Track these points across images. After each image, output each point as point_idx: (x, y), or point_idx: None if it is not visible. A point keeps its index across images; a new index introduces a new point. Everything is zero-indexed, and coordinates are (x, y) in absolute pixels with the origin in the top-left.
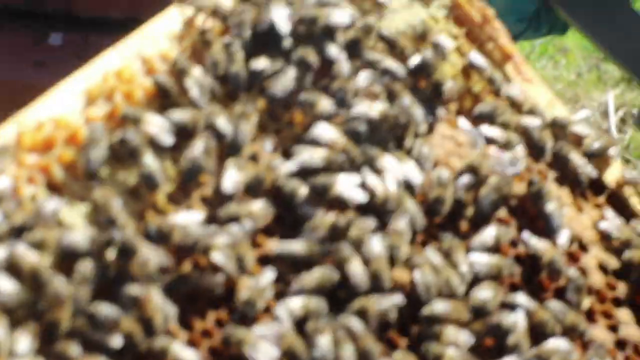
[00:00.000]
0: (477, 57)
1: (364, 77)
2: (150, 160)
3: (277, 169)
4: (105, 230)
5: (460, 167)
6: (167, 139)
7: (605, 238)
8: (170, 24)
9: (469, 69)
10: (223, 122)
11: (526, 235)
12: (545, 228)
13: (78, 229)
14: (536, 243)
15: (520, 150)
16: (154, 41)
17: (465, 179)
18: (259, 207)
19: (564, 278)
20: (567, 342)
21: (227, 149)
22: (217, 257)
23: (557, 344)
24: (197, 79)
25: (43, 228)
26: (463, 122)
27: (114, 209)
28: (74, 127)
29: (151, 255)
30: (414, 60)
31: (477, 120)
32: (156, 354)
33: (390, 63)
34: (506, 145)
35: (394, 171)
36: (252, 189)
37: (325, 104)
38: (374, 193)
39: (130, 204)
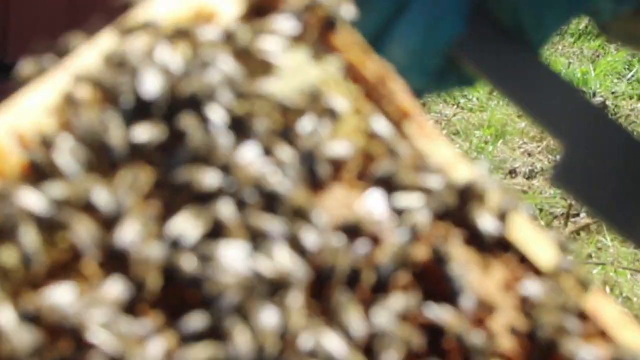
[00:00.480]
0: (379, 124)
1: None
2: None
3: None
4: None
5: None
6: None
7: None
8: (47, 95)
9: (368, 130)
10: (99, 195)
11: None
12: (450, 292)
13: None
14: (439, 313)
15: (422, 214)
16: (29, 114)
17: (362, 245)
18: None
19: (468, 345)
20: None
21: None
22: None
23: None
24: (68, 150)
25: None
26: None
27: None
28: None
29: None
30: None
31: (377, 182)
32: None
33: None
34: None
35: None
36: None
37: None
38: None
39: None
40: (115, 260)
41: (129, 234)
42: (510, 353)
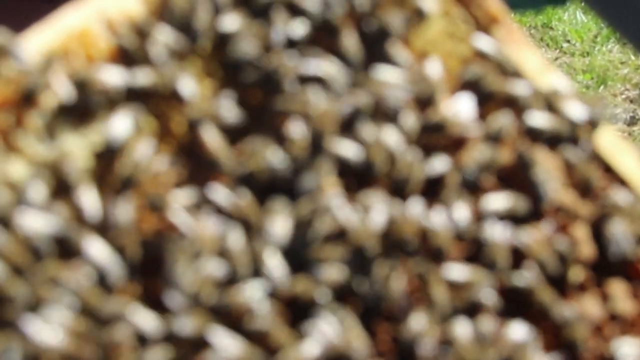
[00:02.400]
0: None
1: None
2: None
3: None
4: None
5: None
6: None
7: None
8: None
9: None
10: (185, 84)
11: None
12: (534, 197)
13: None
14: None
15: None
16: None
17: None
18: None
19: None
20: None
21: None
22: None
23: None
24: (160, 38)
25: None
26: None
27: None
28: None
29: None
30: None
31: (465, 85)
32: None
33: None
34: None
35: None
36: None
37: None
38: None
39: None
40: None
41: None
42: (591, 260)
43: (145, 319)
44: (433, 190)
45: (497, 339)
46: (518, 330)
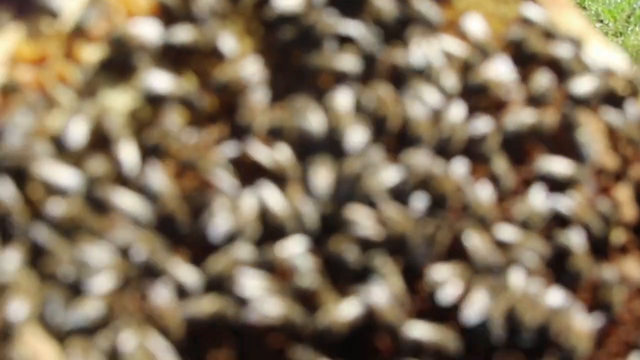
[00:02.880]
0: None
1: None
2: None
3: None
4: None
5: None
6: None
7: None
8: None
9: None
10: (225, 41)
11: None
12: (577, 158)
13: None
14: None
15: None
16: None
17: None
18: None
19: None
20: None
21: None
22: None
23: None
24: None
25: None
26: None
27: None
28: None
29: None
30: None
31: (508, 46)
32: None
33: None
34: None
35: None
36: None
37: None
38: None
39: None
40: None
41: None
42: (634, 223)
43: (186, 273)
44: (475, 151)
45: (536, 302)
46: (557, 295)
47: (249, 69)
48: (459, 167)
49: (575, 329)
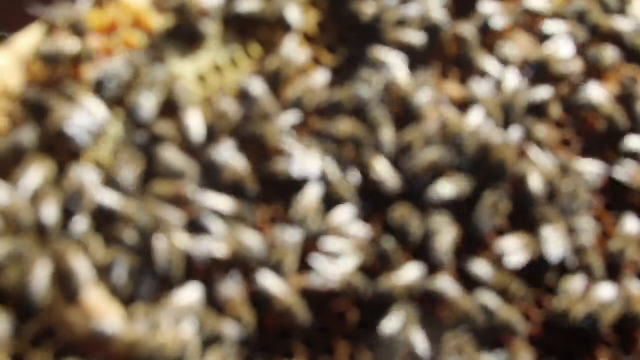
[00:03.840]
0: None
1: None
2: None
3: None
4: None
5: None
6: None
7: None
8: None
9: None
10: (291, 12)
11: None
12: (636, 129)
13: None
14: None
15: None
16: None
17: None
18: None
19: None
20: None
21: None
22: None
23: None
24: None
25: None
26: None
27: None
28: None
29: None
30: None
31: (568, 20)
32: None
33: None
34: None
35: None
36: None
37: None
38: None
39: None
40: None
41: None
42: None
43: (252, 239)
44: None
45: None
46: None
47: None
48: (515, 134)
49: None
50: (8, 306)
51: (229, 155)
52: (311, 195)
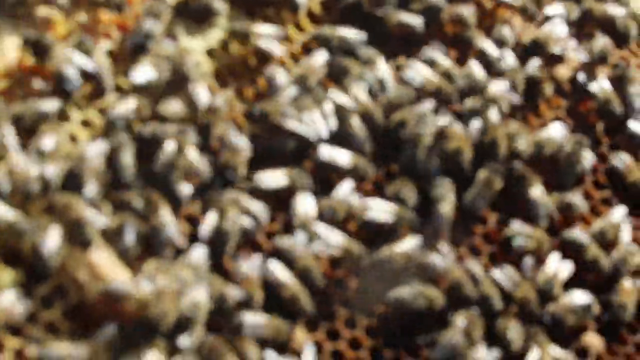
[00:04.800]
0: None
1: None
2: None
3: None
4: None
5: None
6: None
7: None
8: None
9: None
10: None
11: None
12: (628, 109)
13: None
14: None
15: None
16: None
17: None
18: None
19: None
20: None
21: None
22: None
23: None
24: None
25: None
26: None
27: None
28: None
29: None
30: None
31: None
32: None
33: None
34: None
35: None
36: None
37: None
38: None
39: None
40: None
41: None
42: None
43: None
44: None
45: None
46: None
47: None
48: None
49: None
50: (21, 268)
51: None
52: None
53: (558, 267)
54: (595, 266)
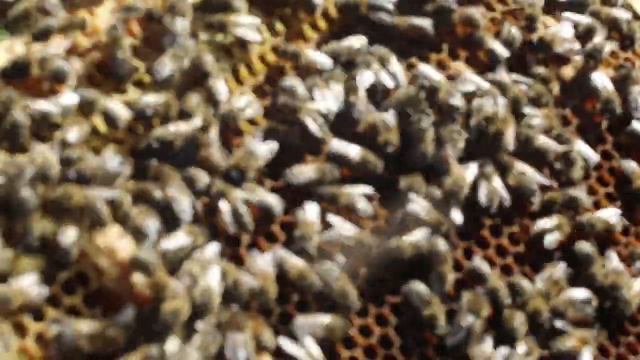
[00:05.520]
0: None
1: None
2: None
3: None
4: None
5: None
6: None
7: None
8: None
9: None
10: None
11: None
12: (629, 110)
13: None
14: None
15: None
16: None
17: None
18: None
19: None
20: None
21: None
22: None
23: None
24: None
25: None
26: None
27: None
28: None
29: None
30: None
31: (568, 8)
32: None
33: None
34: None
35: None
36: None
37: None
38: None
39: None
40: None
41: None
42: None
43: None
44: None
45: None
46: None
47: None
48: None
49: None
50: (44, 254)
51: None
52: None
53: None
54: None
